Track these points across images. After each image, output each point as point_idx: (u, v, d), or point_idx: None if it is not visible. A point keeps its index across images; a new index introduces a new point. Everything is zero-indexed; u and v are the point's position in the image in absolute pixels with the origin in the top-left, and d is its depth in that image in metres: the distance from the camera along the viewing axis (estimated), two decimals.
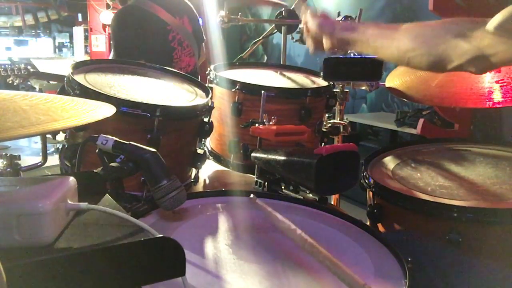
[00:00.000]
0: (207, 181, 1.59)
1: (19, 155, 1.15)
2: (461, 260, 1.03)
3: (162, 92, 1.38)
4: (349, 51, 1.54)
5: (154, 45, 2.38)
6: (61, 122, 0.65)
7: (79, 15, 8.87)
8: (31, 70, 2.86)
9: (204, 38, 2.62)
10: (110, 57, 2.61)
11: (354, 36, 0.99)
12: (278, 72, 1.75)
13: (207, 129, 1.35)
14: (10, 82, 2.79)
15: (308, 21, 1.07)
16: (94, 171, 0.81)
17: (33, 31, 10.02)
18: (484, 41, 0.79)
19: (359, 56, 1.55)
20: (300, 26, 1.18)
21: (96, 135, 0.86)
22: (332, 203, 1.85)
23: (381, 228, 1.21)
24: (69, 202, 0.63)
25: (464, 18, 0.86)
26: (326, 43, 1.04)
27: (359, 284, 0.71)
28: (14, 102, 0.66)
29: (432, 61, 0.88)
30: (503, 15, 0.77)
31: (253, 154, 1.28)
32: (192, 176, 1.41)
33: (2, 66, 2.79)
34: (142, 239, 0.59)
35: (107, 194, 0.75)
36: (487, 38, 0.79)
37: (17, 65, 2.82)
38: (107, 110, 0.78)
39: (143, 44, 2.33)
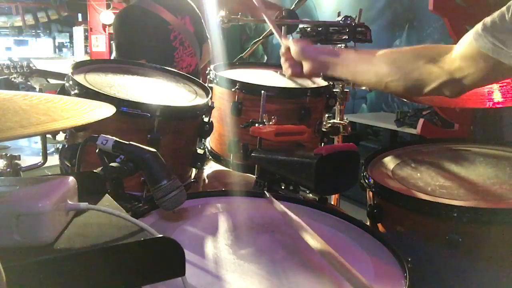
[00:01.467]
0: (207, 181, 1.59)
1: (19, 155, 1.15)
2: (461, 260, 1.03)
3: (162, 92, 1.38)
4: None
5: (156, 44, 2.38)
6: (61, 122, 0.64)
7: (79, 15, 8.88)
8: (33, 68, 2.87)
9: (208, 36, 2.62)
10: (112, 56, 2.61)
11: (335, 60, 1.03)
12: (278, 72, 1.75)
13: (207, 129, 1.35)
14: (13, 79, 2.80)
15: (290, 46, 1.12)
16: (94, 171, 0.81)
17: (33, 31, 10.03)
18: (453, 65, 0.82)
19: None
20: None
21: (96, 135, 0.86)
22: (332, 203, 1.85)
23: (381, 228, 1.21)
24: (69, 202, 0.63)
25: (434, 44, 0.91)
26: (305, 66, 1.09)
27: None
28: (14, 102, 0.66)
29: (408, 86, 0.92)
30: (465, 39, 0.80)
31: (253, 154, 1.28)
32: (192, 176, 1.41)
33: (4, 64, 2.80)
34: (142, 239, 0.59)
35: (107, 194, 0.75)
36: (456, 62, 0.82)
37: (19, 63, 2.82)
38: (107, 110, 0.77)
39: (144, 44, 2.33)
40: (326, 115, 1.67)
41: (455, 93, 0.87)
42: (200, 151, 1.40)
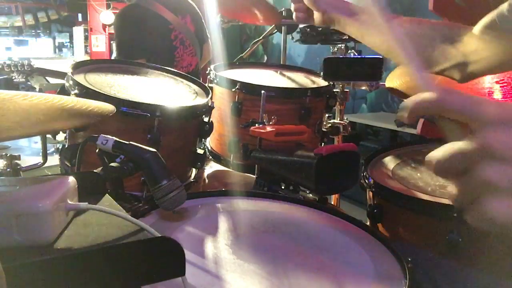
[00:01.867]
0: (207, 181, 1.59)
1: (19, 155, 1.15)
2: (460, 261, 1.03)
3: (162, 92, 1.38)
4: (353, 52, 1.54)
5: (156, 43, 2.38)
6: (61, 122, 0.64)
7: (79, 15, 8.88)
8: (34, 66, 2.87)
9: (208, 36, 2.63)
10: (113, 56, 2.62)
11: (347, 18, 0.98)
12: (278, 72, 1.75)
13: (207, 129, 1.35)
14: (13, 78, 2.80)
15: None
16: (94, 171, 0.81)
17: (33, 31, 10.03)
18: (469, 46, 0.80)
19: (359, 56, 1.55)
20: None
21: (96, 135, 0.86)
22: (332, 203, 1.85)
23: (381, 228, 1.21)
24: (69, 202, 0.63)
25: (454, 23, 0.88)
26: (316, 17, 1.02)
27: None
28: (14, 102, 0.66)
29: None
30: (488, 18, 0.77)
31: (253, 154, 1.28)
32: (192, 176, 1.41)
33: (5, 63, 2.80)
34: (142, 239, 0.59)
35: (107, 194, 0.75)
36: (473, 43, 0.80)
37: (20, 62, 2.83)
38: (107, 110, 0.77)
39: (145, 43, 2.34)
40: (326, 115, 1.67)
41: (464, 77, 0.85)
42: (200, 151, 1.40)
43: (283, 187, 1.35)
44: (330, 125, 1.67)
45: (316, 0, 1.01)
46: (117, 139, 0.85)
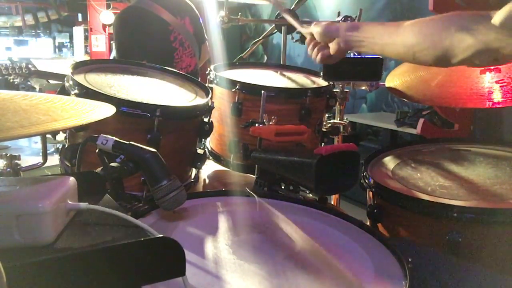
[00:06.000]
0: (207, 181, 1.59)
1: (19, 155, 1.15)
2: (460, 260, 1.03)
3: (162, 92, 1.38)
4: (353, 52, 1.54)
5: (156, 45, 2.38)
6: (61, 122, 0.65)
7: (79, 15, 8.88)
8: (32, 69, 2.87)
9: (206, 38, 2.63)
10: (112, 56, 2.62)
11: (360, 36, 0.99)
12: (278, 72, 1.75)
13: (207, 129, 1.35)
14: (12, 80, 2.80)
15: (312, 30, 1.08)
16: (94, 171, 0.81)
17: (33, 31, 10.03)
18: (489, 35, 0.78)
19: (359, 56, 1.55)
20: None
21: (96, 135, 0.86)
22: (332, 203, 1.85)
23: (381, 228, 1.21)
24: (69, 202, 0.63)
25: (467, 11, 0.86)
26: (332, 47, 1.05)
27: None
28: (14, 102, 0.66)
29: (437, 56, 0.87)
30: (506, 11, 0.76)
31: (253, 154, 1.28)
32: (192, 176, 1.41)
33: (3, 65, 2.80)
34: (142, 239, 0.59)
35: (107, 194, 0.75)
36: (493, 32, 0.77)
37: (18, 64, 2.83)
38: (107, 110, 0.77)
39: (144, 44, 2.33)
40: (326, 115, 1.67)
41: (491, 62, 0.83)
42: (200, 151, 1.40)
43: (283, 187, 1.34)
44: (330, 125, 1.67)
45: (326, 31, 1.05)
46: (117, 139, 0.85)
